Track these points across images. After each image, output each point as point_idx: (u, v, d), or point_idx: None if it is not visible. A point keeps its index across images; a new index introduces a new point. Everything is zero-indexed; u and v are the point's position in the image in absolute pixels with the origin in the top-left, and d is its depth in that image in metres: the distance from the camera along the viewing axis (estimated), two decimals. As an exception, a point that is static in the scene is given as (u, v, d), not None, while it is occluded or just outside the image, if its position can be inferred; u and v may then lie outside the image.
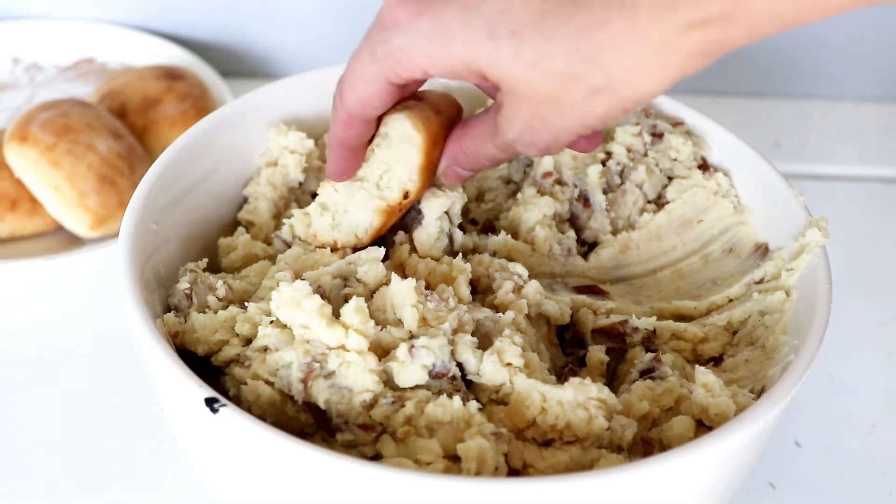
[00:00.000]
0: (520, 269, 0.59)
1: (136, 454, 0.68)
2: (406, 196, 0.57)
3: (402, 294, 0.53)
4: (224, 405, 0.48)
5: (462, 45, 0.48)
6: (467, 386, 0.53)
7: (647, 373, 0.56)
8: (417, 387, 0.52)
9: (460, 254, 0.59)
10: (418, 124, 0.56)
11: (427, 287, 0.56)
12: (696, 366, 0.55)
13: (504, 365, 0.52)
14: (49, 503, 0.65)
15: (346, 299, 0.54)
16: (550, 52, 0.46)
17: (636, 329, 0.59)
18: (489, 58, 0.48)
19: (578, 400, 0.51)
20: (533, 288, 0.58)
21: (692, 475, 0.48)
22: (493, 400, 0.53)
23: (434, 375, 0.52)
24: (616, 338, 0.59)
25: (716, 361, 0.59)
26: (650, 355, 0.57)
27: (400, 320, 0.54)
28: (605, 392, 0.51)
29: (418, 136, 0.55)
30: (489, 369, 0.52)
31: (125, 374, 0.72)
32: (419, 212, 0.59)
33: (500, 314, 0.55)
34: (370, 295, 0.55)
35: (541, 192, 0.65)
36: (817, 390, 0.73)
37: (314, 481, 0.47)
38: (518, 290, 0.58)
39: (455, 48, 0.48)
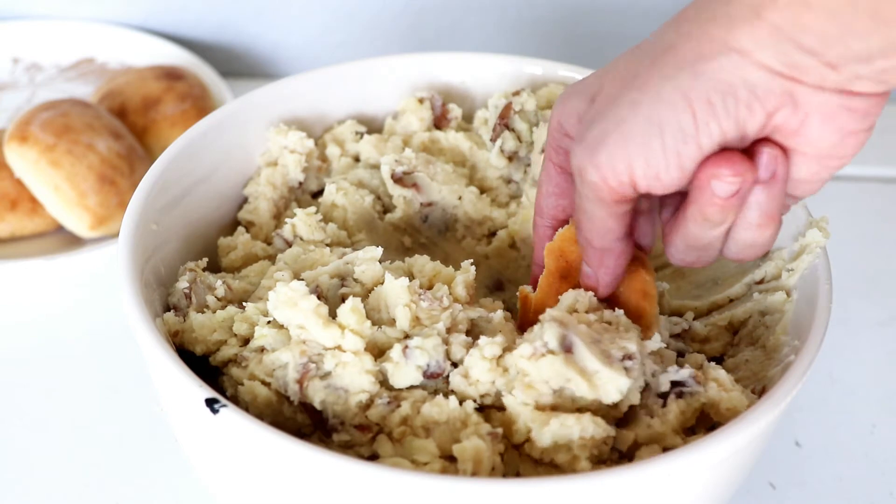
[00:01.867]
0: (632, 346, 0.50)
1: (135, 454, 0.67)
2: (526, 300, 0.56)
3: (395, 293, 0.53)
4: (224, 405, 0.48)
5: (578, 86, 0.49)
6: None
7: (676, 385, 0.52)
8: (413, 387, 0.52)
9: (472, 261, 0.58)
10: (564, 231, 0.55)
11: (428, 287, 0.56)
12: (707, 361, 0.55)
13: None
14: (49, 503, 0.65)
15: (344, 299, 0.54)
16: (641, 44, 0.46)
17: (674, 324, 0.58)
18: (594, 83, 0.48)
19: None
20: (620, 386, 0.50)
21: (692, 475, 0.48)
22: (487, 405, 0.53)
23: (428, 375, 0.51)
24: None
25: (717, 361, 0.59)
26: (688, 371, 0.52)
27: (394, 320, 0.54)
28: (602, 427, 0.50)
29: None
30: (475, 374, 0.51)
31: (125, 373, 0.72)
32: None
33: (493, 314, 0.55)
34: (366, 294, 0.55)
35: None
36: (817, 390, 0.73)
37: (314, 482, 0.47)
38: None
39: (572, 93, 0.49)
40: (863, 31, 0.41)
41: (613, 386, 0.49)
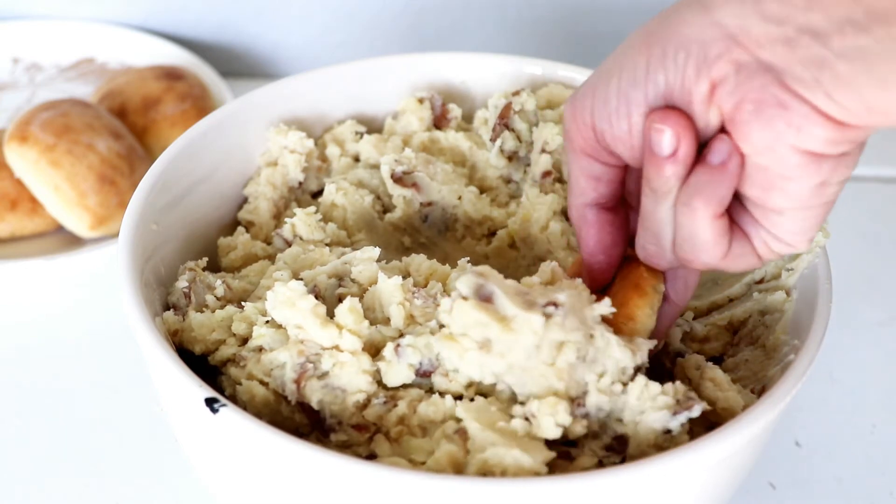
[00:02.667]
0: (561, 296, 0.48)
1: (135, 454, 0.67)
2: None
3: (389, 292, 0.53)
4: (224, 405, 0.48)
5: None
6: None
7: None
8: (410, 386, 0.52)
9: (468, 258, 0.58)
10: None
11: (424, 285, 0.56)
12: (706, 361, 0.55)
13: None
14: (49, 503, 0.65)
15: (341, 299, 0.54)
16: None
17: (677, 325, 0.58)
18: None
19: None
20: None
21: (691, 475, 0.48)
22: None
23: (421, 374, 0.51)
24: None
25: (716, 361, 0.59)
26: (699, 406, 0.49)
27: (389, 318, 0.54)
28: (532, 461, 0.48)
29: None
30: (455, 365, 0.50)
31: (125, 373, 0.72)
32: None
33: None
34: (363, 294, 0.55)
35: (543, 192, 0.65)
36: (817, 390, 0.73)
37: (314, 481, 0.47)
38: None
39: None
40: (831, 2, 0.39)
41: (528, 327, 0.47)
